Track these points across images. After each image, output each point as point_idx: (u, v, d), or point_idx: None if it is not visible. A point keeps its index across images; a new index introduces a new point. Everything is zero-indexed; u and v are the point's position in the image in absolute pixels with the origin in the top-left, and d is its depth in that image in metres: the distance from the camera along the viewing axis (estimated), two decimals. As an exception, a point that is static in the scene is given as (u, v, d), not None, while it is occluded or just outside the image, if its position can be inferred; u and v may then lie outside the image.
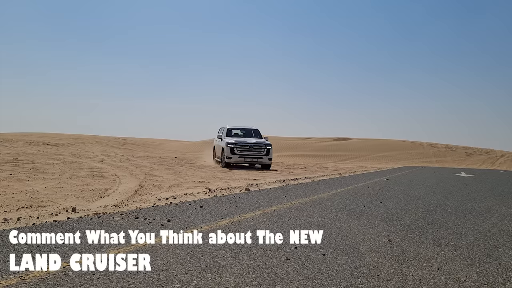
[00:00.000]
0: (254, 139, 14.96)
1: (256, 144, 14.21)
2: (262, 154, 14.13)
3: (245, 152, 13.96)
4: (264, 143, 14.36)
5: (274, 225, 3.37)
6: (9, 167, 8.86)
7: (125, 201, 4.88)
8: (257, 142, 14.32)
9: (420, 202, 5.21)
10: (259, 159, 14.04)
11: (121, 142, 33.83)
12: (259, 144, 14.23)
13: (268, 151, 14.23)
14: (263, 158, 14.08)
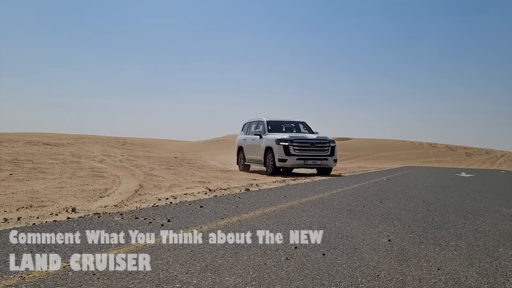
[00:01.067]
0: (312, 134, 11.48)
1: (318, 140, 10.76)
2: (326, 154, 10.73)
3: (305, 152, 10.52)
4: (327, 139, 10.91)
5: (274, 225, 3.37)
6: (9, 167, 8.86)
7: (125, 201, 4.88)
8: (318, 138, 10.91)
9: (420, 202, 5.21)
10: (323, 160, 10.62)
11: (121, 142, 33.84)
12: (321, 141, 10.79)
13: (333, 150, 10.89)
14: (328, 160, 10.70)
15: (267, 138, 11.12)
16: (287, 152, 10.38)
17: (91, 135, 41.47)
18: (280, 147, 10.43)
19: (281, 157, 10.36)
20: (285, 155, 10.36)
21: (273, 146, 10.59)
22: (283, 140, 10.54)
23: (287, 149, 10.39)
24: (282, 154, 10.36)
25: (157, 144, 38.26)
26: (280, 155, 10.39)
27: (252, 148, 12.08)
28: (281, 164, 10.43)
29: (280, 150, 10.41)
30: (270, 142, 10.84)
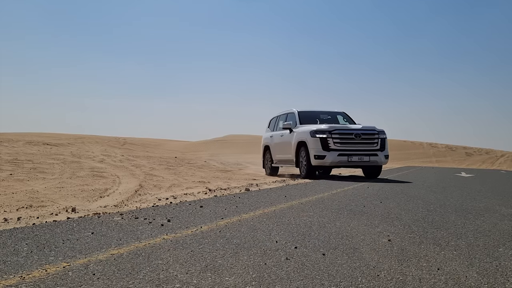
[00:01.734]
0: (356, 125, 9.46)
1: (365, 131, 8.78)
2: (375, 149, 8.75)
3: (349, 145, 8.59)
4: (375, 130, 8.90)
5: (274, 225, 3.37)
6: (9, 167, 8.86)
7: (125, 201, 4.88)
8: (364, 128, 8.90)
9: (420, 202, 5.21)
10: (372, 156, 8.65)
11: (121, 142, 33.83)
12: (368, 131, 8.80)
13: (383, 142, 8.86)
14: (378, 156, 8.72)
15: (299, 131, 9.17)
16: (325, 147, 8.39)
17: (91, 135, 41.47)
18: (317, 141, 8.43)
19: (318, 153, 8.38)
20: (323, 151, 8.37)
21: (307, 140, 8.64)
22: (320, 131, 8.54)
23: (325, 143, 8.38)
24: (319, 149, 8.39)
25: (157, 144, 38.25)
26: (316, 151, 8.43)
27: (281, 146, 10.14)
28: (318, 162, 8.46)
29: (316, 144, 8.44)
30: (303, 135, 8.89)
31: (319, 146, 8.51)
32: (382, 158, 8.89)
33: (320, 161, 8.55)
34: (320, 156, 8.52)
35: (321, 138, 8.54)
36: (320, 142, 8.51)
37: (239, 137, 44.91)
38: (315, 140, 8.59)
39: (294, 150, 9.38)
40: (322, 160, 8.51)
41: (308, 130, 8.87)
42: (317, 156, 8.53)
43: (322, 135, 8.57)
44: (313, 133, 8.70)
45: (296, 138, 9.32)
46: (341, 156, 8.52)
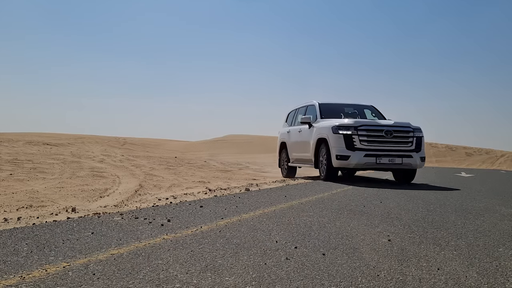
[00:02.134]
0: (386, 120, 8.17)
1: (397, 127, 7.50)
2: (409, 149, 7.44)
3: (377, 144, 7.32)
4: (409, 127, 7.59)
5: (274, 225, 3.37)
6: (9, 167, 8.86)
7: (125, 201, 4.88)
8: (397, 124, 7.59)
9: (420, 202, 5.21)
10: (405, 158, 7.34)
11: (121, 142, 33.84)
12: (401, 128, 7.53)
13: (419, 142, 7.55)
14: (413, 157, 7.41)
15: (319, 127, 7.98)
16: (349, 145, 7.16)
17: (91, 135, 41.48)
18: (339, 138, 7.23)
19: (341, 152, 7.19)
20: (346, 150, 7.16)
21: (329, 137, 7.43)
22: (344, 126, 7.31)
23: (349, 140, 7.16)
24: (342, 148, 7.19)
25: (157, 144, 38.26)
26: (339, 150, 7.23)
27: (299, 143, 9.01)
28: (341, 163, 7.27)
29: (339, 142, 7.23)
30: (323, 131, 7.70)
31: (342, 144, 7.23)
32: (417, 160, 7.50)
33: (343, 162, 7.26)
34: (343, 157, 7.22)
35: (344, 135, 7.26)
36: (343, 140, 7.23)
37: (239, 137, 44.92)
38: (337, 137, 7.30)
39: (313, 148, 8.11)
40: (345, 161, 7.22)
41: (330, 125, 7.54)
42: (340, 156, 7.24)
43: (346, 132, 7.26)
44: (336, 128, 7.36)
45: (316, 135, 8.03)
46: (368, 157, 7.20)
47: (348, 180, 8.36)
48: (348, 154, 7.27)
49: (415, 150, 7.55)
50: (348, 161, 7.28)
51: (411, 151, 7.51)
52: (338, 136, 7.36)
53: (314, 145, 8.13)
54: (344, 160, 7.28)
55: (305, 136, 8.70)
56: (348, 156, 7.26)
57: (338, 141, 7.33)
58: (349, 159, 7.26)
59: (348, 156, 7.26)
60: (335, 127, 7.45)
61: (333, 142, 7.43)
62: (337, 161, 7.37)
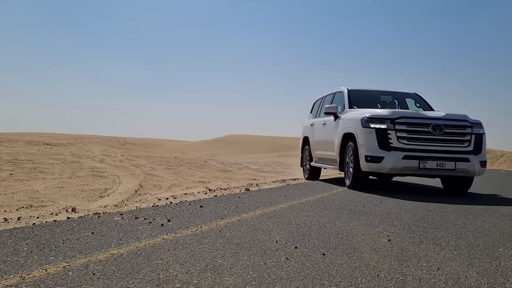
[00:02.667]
0: (436, 112, 6.63)
1: (450, 121, 5.82)
2: (466, 150, 5.78)
3: (423, 142, 5.71)
4: (467, 121, 5.89)
5: (274, 225, 3.37)
6: (9, 167, 8.86)
7: (125, 201, 4.88)
8: (449, 116, 5.90)
9: (420, 201, 5.21)
10: (460, 161, 5.70)
11: (121, 142, 33.84)
12: (456, 123, 5.84)
13: (478, 141, 5.86)
14: (470, 161, 5.75)
15: (346, 119, 6.46)
16: (383, 143, 5.61)
17: (91, 135, 41.49)
18: (370, 133, 5.70)
19: (372, 152, 5.66)
20: (379, 149, 5.61)
21: (357, 131, 5.92)
22: (377, 118, 5.74)
23: (384, 137, 5.62)
24: (374, 147, 5.65)
25: (157, 144, 38.26)
26: (369, 149, 5.69)
27: (322, 139, 7.58)
28: (371, 166, 5.70)
29: (369, 139, 5.70)
30: (351, 124, 6.18)
31: (374, 141, 5.66)
32: (476, 165, 5.74)
33: (374, 165, 5.68)
34: (374, 158, 5.64)
35: (377, 130, 5.66)
36: (375, 136, 5.65)
37: (239, 137, 44.92)
38: (368, 132, 5.73)
39: (338, 145, 6.60)
40: (377, 164, 5.63)
41: (359, 116, 5.98)
42: (370, 157, 5.66)
43: (379, 125, 5.66)
44: (366, 121, 5.79)
45: (342, 128, 6.49)
46: (409, 159, 5.53)
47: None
48: (381, 155, 5.63)
49: (473, 152, 5.74)
50: (381, 164, 5.64)
51: (468, 153, 5.71)
52: (369, 130, 5.73)
53: (340, 142, 6.52)
54: (376, 163, 5.66)
55: (329, 130, 7.16)
56: (381, 157, 5.62)
57: (368, 137, 5.73)
58: (382, 161, 5.61)
59: (381, 157, 5.62)
60: (366, 119, 5.81)
61: (362, 139, 5.82)
62: (366, 164, 5.75)
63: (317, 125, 8.05)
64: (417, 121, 5.78)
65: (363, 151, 5.83)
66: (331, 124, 7.16)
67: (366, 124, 5.85)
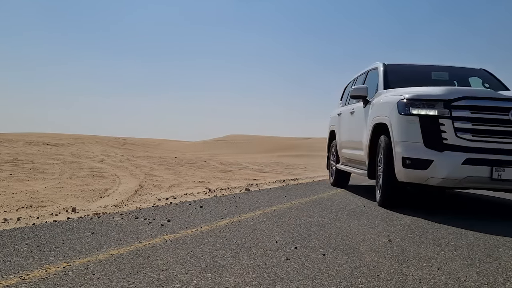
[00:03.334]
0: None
1: None
2: None
3: (499, 137, 3.59)
4: None
5: (274, 225, 3.37)
6: (9, 167, 8.86)
7: (125, 201, 4.87)
8: None
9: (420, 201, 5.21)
10: None
11: (121, 142, 33.84)
12: None
13: None
14: None
15: (377, 103, 4.66)
16: (433, 139, 3.78)
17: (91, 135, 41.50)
18: (411, 123, 3.90)
19: (413, 153, 3.86)
20: (426, 148, 3.81)
21: (391, 121, 4.13)
22: (423, 100, 3.89)
23: (433, 128, 3.78)
24: (417, 145, 3.85)
25: (157, 144, 38.26)
26: (409, 147, 3.91)
27: (349, 133, 5.81)
28: (413, 175, 3.92)
29: (410, 132, 3.91)
30: (383, 110, 4.39)
31: (418, 136, 3.83)
32: None
33: (417, 173, 3.86)
34: (417, 162, 3.82)
35: (423, 118, 3.82)
36: (420, 128, 3.83)
37: (239, 137, 44.93)
38: (407, 121, 3.92)
39: (367, 141, 4.74)
40: (422, 171, 3.81)
41: (395, 99, 4.13)
42: (411, 160, 3.86)
43: (426, 110, 3.82)
44: (405, 104, 3.95)
45: (372, 118, 4.63)
46: (475, 164, 3.65)
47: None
48: (428, 158, 3.74)
49: None
50: (429, 172, 3.75)
51: None
52: (409, 119, 3.87)
53: (369, 137, 4.62)
54: (420, 170, 3.79)
55: (357, 120, 5.30)
56: (429, 161, 3.73)
57: (408, 129, 3.87)
58: (430, 167, 3.73)
59: (428, 161, 3.74)
60: (404, 102, 3.92)
61: (398, 132, 3.95)
62: (404, 171, 3.89)
63: (344, 115, 6.10)
64: (488, 104, 3.69)
65: (400, 151, 3.87)
66: (359, 113, 5.20)
67: (405, 109, 3.87)
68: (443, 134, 3.76)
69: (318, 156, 32.75)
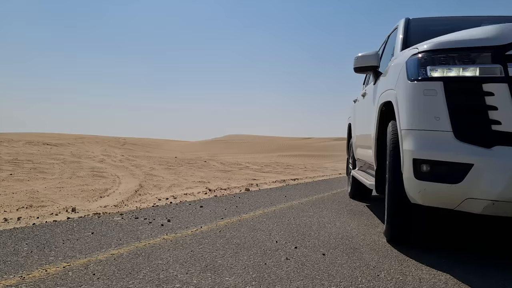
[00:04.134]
0: None
1: None
2: None
3: None
4: None
5: (274, 225, 3.37)
6: (9, 167, 8.86)
7: (125, 201, 4.87)
8: None
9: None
10: None
11: (121, 142, 33.84)
12: None
13: None
14: None
15: (387, 70, 2.95)
16: (469, 122, 1.94)
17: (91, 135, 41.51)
18: (432, 92, 2.03)
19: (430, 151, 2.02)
20: (456, 140, 1.94)
21: (397, 95, 2.36)
22: (450, 50, 2.06)
23: (472, 102, 1.93)
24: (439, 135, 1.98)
25: (157, 144, 38.27)
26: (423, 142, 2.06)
27: (361, 124, 4.48)
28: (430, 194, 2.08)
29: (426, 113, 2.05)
30: (389, 80, 2.69)
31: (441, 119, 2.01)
32: None
33: (440, 189, 2.04)
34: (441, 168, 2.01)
35: (450, 84, 2.02)
36: (445, 102, 2.00)
37: (239, 137, 44.94)
38: (419, 92, 2.14)
39: (373, 134, 3.27)
40: (450, 187, 1.98)
41: (405, 56, 2.44)
42: (429, 165, 2.07)
43: (455, 70, 2.02)
44: (418, 63, 2.20)
45: (379, 95, 3.08)
46: None
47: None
48: (463, 160, 1.95)
49: None
50: (465, 189, 1.97)
51: None
52: (425, 87, 2.13)
53: (376, 126, 3.16)
54: (448, 184, 2.01)
55: (368, 104, 3.88)
56: (465, 166, 1.95)
57: (423, 106, 2.13)
58: (467, 178, 1.94)
59: (463, 167, 1.95)
60: (416, 59, 2.25)
61: (406, 113, 2.26)
62: (418, 186, 2.16)
63: (359, 101, 4.78)
64: None
65: (410, 148, 2.21)
66: (370, 94, 3.82)
67: (419, 70, 2.22)
68: (493, 113, 1.93)
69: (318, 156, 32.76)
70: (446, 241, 2.85)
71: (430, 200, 2.20)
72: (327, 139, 44.30)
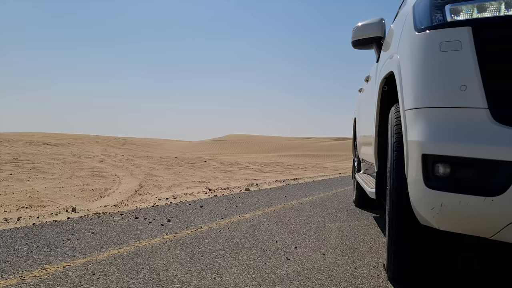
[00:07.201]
0: None
1: None
2: None
3: None
4: None
5: (274, 225, 3.37)
6: (9, 167, 8.86)
7: (125, 201, 4.87)
8: None
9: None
10: None
11: (121, 142, 33.85)
12: None
13: None
14: None
15: (390, 31, 2.19)
16: None
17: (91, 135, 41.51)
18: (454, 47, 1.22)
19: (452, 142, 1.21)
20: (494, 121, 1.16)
21: (400, 58, 1.60)
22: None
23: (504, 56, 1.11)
24: (464, 114, 1.21)
25: (157, 144, 38.27)
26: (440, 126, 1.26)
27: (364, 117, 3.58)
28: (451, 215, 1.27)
29: (445, 79, 1.25)
30: (391, 40, 1.99)
31: (470, 87, 1.22)
32: None
33: (467, 207, 1.22)
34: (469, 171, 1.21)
35: (482, 32, 1.23)
36: (476, 60, 1.21)
37: (239, 137, 44.95)
38: (433, 47, 1.31)
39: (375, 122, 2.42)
40: (484, 201, 1.17)
41: (411, 2, 1.59)
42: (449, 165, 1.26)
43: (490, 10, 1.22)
44: (431, 5, 1.38)
45: (380, 68, 2.37)
46: None
47: None
48: (502, 157, 1.14)
49: None
50: (501, 206, 1.16)
51: None
52: (442, 39, 1.30)
53: (377, 112, 2.36)
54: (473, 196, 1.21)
55: (370, 89, 3.11)
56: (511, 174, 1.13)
57: (439, 69, 1.30)
58: (509, 192, 1.13)
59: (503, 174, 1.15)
60: (428, 2, 1.40)
61: (413, 82, 1.43)
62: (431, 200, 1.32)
63: (364, 89, 3.98)
64: None
65: (417, 136, 1.38)
66: (372, 75, 3.09)
67: (433, 15, 1.37)
68: None
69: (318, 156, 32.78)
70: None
71: (451, 224, 1.36)
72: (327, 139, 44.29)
